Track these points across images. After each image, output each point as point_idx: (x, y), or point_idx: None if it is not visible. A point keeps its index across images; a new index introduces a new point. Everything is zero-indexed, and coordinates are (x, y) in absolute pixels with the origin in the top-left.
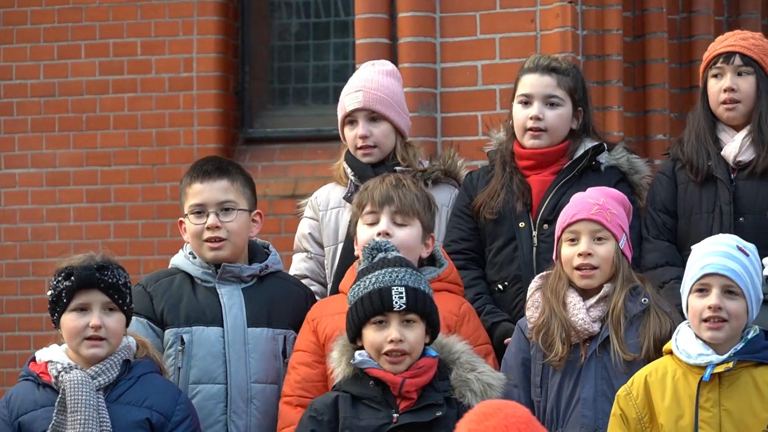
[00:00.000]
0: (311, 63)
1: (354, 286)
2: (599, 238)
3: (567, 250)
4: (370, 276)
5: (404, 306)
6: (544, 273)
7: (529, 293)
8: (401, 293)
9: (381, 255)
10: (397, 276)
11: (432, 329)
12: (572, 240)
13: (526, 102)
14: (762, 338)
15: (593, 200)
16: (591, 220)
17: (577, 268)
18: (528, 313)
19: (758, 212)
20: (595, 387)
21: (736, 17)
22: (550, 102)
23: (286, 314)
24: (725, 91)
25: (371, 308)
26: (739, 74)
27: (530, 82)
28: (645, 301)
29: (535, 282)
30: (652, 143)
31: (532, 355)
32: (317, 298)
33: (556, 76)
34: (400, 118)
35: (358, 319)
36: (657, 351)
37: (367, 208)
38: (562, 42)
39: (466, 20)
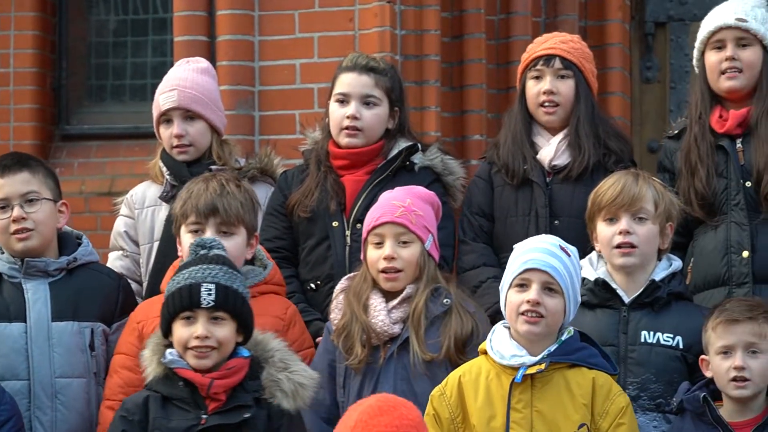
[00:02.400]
0: (129, 60)
1: (170, 281)
2: (404, 241)
3: (372, 253)
4: (184, 272)
5: (212, 303)
6: (351, 274)
7: (334, 295)
8: (210, 290)
9: (203, 252)
10: (210, 273)
11: (244, 329)
12: (378, 243)
13: (343, 101)
14: (576, 340)
15: (399, 202)
16: (395, 223)
17: (383, 271)
18: (332, 316)
19: (573, 215)
20: (395, 388)
21: (553, 19)
22: (367, 102)
23: (94, 307)
24: (545, 93)
25: (180, 303)
26: (559, 77)
27: (348, 81)
28: (446, 301)
29: (341, 284)
30: (470, 143)
31: (337, 357)
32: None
33: (374, 76)
34: (216, 117)
35: (168, 315)
36: (458, 351)
37: (192, 218)
38: (380, 42)
39: (284, 19)
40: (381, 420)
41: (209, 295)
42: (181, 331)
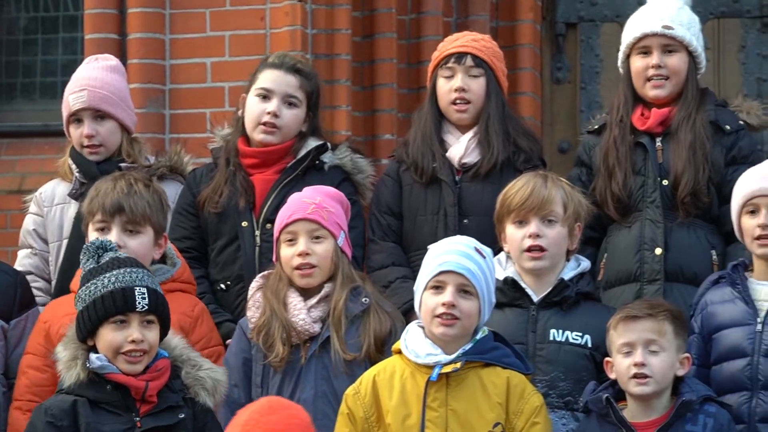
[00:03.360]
0: (39, 58)
1: (89, 284)
2: (317, 237)
3: (286, 251)
4: (107, 275)
5: (146, 306)
6: (266, 273)
7: (250, 293)
8: (144, 294)
9: (110, 254)
10: (137, 276)
11: (164, 331)
12: (290, 240)
13: (266, 96)
14: (491, 339)
15: (309, 200)
16: (308, 220)
17: (297, 268)
18: (249, 313)
19: (482, 214)
20: (315, 387)
21: (464, 19)
22: (289, 102)
23: None
24: (456, 90)
25: (113, 307)
26: (470, 75)
27: (273, 78)
28: (366, 300)
29: (256, 282)
30: (380, 143)
31: (253, 355)
32: (39, 287)
33: (299, 78)
34: (126, 115)
35: (96, 319)
36: (378, 350)
37: (98, 216)
38: (291, 40)
39: (195, 17)
40: (271, 418)
41: (143, 299)
42: (112, 335)
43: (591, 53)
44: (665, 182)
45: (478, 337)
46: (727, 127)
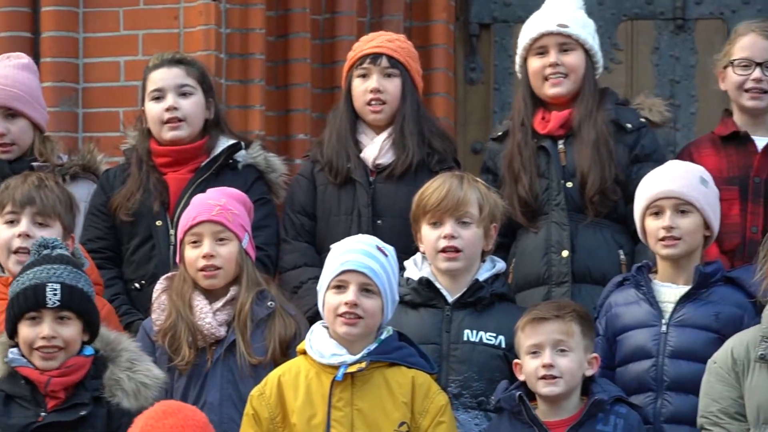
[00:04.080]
0: None
1: (14, 281)
2: (221, 239)
3: (190, 253)
4: (29, 272)
5: (58, 303)
6: (170, 275)
7: (154, 295)
8: (55, 290)
9: (47, 251)
10: (54, 273)
11: (90, 328)
12: (195, 242)
13: (159, 97)
14: (395, 339)
15: (214, 201)
16: (212, 222)
17: (202, 270)
18: (154, 316)
19: (396, 215)
20: (221, 391)
21: (378, 19)
22: (182, 92)
23: None
24: (371, 91)
25: (25, 304)
26: (386, 76)
27: (159, 77)
28: (271, 304)
29: (160, 283)
30: (294, 143)
31: (157, 357)
32: None
33: (183, 67)
34: (38, 113)
35: (13, 315)
36: (282, 353)
37: (8, 208)
38: (205, 40)
39: (109, 16)
40: (166, 422)
41: (54, 294)
42: (26, 331)
43: (504, 54)
44: (569, 184)
45: (382, 336)
46: (629, 125)
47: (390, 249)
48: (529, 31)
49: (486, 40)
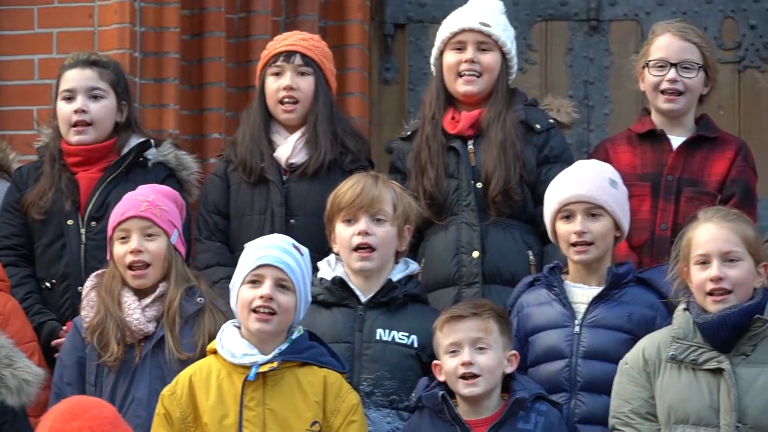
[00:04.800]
0: None
1: None
2: (149, 235)
3: (119, 249)
4: None
5: None
6: (100, 272)
7: (84, 292)
8: None
9: None
10: None
11: None
12: (123, 238)
13: (70, 97)
14: (306, 339)
15: (142, 197)
16: (140, 217)
17: (130, 266)
18: (83, 313)
19: (309, 214)
20: (150, 387)
21: (293, 18)
22: (93, 95)
23: None
24: (284, 89)
25: None
26: (299, 74)
27: (72, 77)
28: (200, 300)
29: (90, 281)
30: (208, 142)
31: (87, 354)
32: None
33: (97, 69)
34: None
35: None
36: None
37: None
38: (119, 38)
39: (23, 13)
40: (73, 425)
41: None
42: None
43: (419, 54)
44: (479, 185)
45: (293, 336)
46: (538, 126)
47: (305, 249)
48: (450, 25)
49: (401, 41)
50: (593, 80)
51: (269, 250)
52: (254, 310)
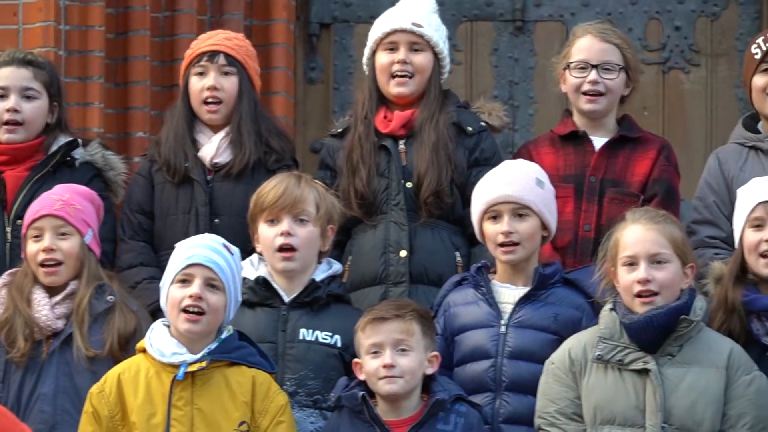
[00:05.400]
0: None
1: None
2: (63, 234)
3: (31, 247)
4: None
5: None
6: (13, 270)
7: None
8: None
9: None
10: None
11: None
12: (36, 236)
13: (3, 95)
14: (235, 338)
15: (57, 196)
16: (53, 216)
17: (42, 264)
18: None
19: (233, 214)
20: (56, 383)
21: (219, 17)
22: (27, 95)
23: None
24: (208, 89)
25: None
26: (223, 74)
27: (6, 75)
28: (110, 298)
29: (2, 279)
30: (133, 140)
31: None
32: None
33: (32, 69)
34: None
35: None
36: (121, 348)
37: None
38: (44, 36)
39: None
40: None
41: None
42: None
43: (344, 54)
44: (409, 184)
45: (223, 336)
46: (470, 128)
47: (236, 249)
48: (382, 25)
49: (326, 40)
50: (518, 81)
51: (199, 249)
52: (184, 310)
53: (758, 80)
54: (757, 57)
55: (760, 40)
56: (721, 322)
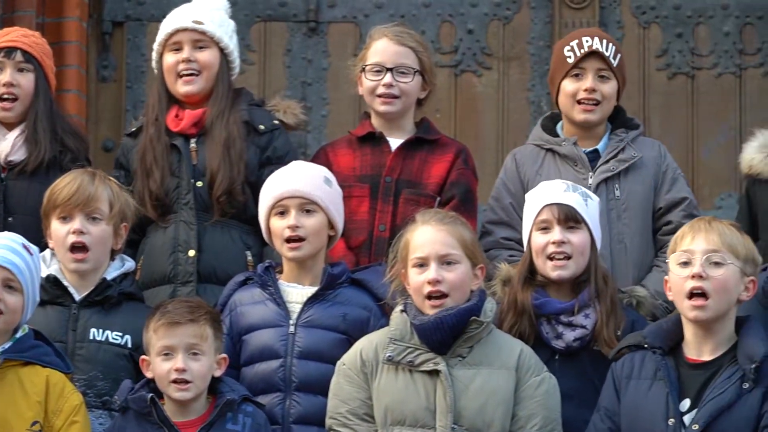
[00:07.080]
0: None
1: None
2: None
3: None
4: None
5: None
6: None
7: None
8: None
9: None
10: None
11: None
12: None
13: None
14: (30, 338)
15: None
16: None
17: None
18: None
19: (28, 213)
20: None
21: (11, 14)
22: None
23: None
24: (4, 85)
25: None
26: (19, 70)
27: None
28: None
29: None
30: None
31: None
32: None
33: None
34: None
35: None
36: None
37: None
38: None
39: None
40: None
41: None
42: None
43: (137, 52)
44: (199, 184)
45: (18, 335)
46: (261, 126)
47: (35, 248)
48: (165, 26)
49: (119, 38)
50: (311, 81)
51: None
52: None
53: (568, 85)
54: (570, 61)
55: (574, 44)
56: (512, 324)
